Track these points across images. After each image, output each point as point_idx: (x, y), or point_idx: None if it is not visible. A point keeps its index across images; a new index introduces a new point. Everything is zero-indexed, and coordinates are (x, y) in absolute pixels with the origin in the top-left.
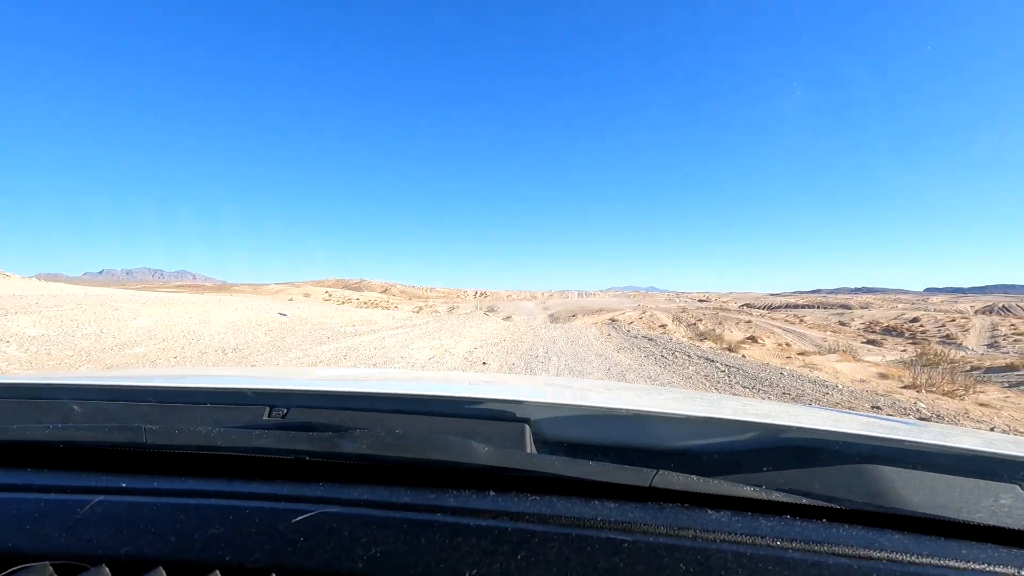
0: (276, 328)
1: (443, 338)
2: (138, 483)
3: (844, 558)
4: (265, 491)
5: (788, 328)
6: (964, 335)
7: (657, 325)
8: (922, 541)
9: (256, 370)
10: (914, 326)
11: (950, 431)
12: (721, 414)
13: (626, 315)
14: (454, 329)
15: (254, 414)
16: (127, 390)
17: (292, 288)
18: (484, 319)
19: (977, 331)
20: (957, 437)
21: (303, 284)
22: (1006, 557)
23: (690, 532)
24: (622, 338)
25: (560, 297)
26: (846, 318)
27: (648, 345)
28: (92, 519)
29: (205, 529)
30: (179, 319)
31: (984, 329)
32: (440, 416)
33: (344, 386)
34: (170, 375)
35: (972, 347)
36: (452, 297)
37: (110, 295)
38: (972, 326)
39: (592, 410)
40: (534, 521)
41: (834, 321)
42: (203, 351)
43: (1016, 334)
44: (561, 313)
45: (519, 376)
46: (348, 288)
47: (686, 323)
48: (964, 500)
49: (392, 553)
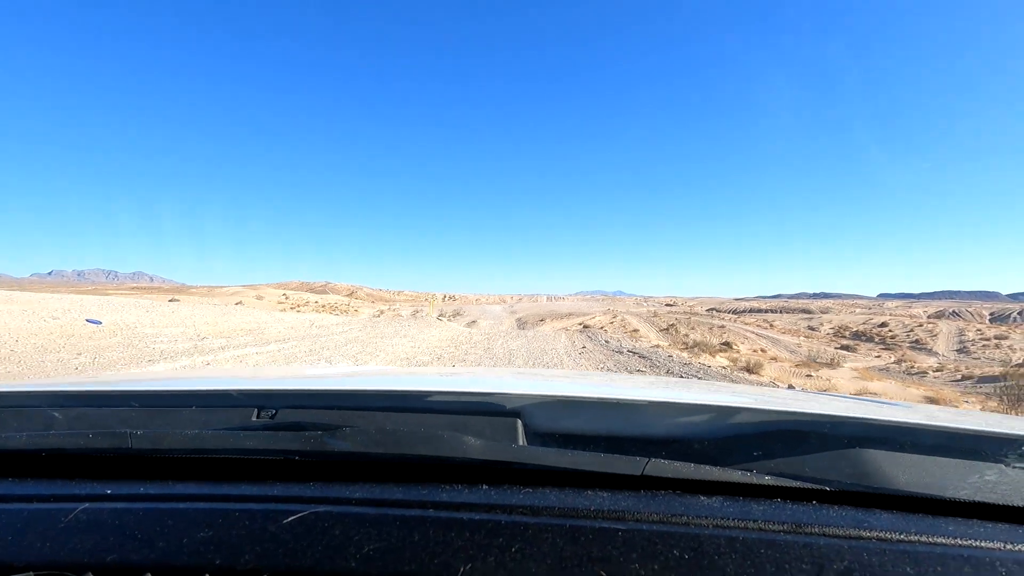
0: (44, 344)
1: (356, 355)
2: (124, 489)
3: (835, 539)
4: (254, 492)
5: (761, 333)
6: (933, 340)
7: (630, 330)
8: (910, 520)
9: (244, 371)
10: (883, 331)
11: (935, 412)
12: (711, 400)
13: (597, 320)
14: (383, 341)
15: (242, 415)
16: (111, 395)
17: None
18: (432, 325)
19: (945, 337)
20: (942, 417)
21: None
22: (992, 532)
23: (683, 519)
24: (601, 352)
25: (529, 301)
26: (815, 322)
27: (639, 364)
28: (77, 527)
29: (194, 533)
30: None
31: (952, 335)
32: (431, 412)
33: (333, 384)
34: (155, 379)
35: (943, 352)
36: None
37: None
38: (940, 331)
39: (583, 400)
40: (527, 513)
41: (803, 326)
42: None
43: (983, 339)
44: (529, 317)
45: (509, 369)
46: (312, 291)
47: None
48: (950, 478)
49: (385, 550)
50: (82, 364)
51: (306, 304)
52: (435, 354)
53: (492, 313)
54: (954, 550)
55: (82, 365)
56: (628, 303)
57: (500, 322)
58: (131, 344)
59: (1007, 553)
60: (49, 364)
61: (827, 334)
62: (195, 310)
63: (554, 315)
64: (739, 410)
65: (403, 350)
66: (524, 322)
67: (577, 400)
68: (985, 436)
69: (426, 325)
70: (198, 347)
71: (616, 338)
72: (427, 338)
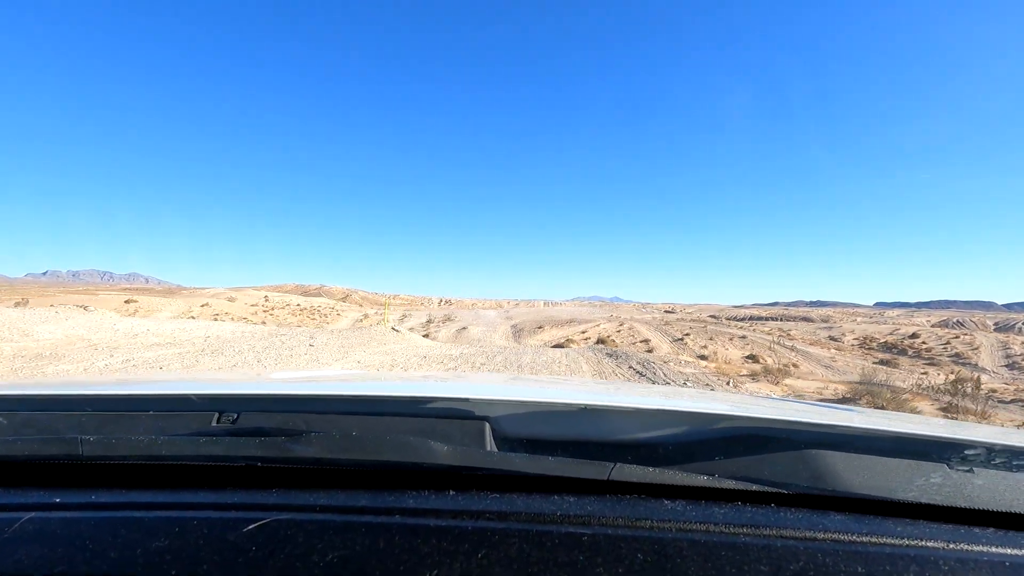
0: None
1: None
2: (74, 497)
3: (791, 540)
4: (214, 500)
5: (786, 344)
6: (976, 354)
7: (639, 340)
8: (861, 521)
9: (203, 375)
10: (916, 343)
11: (889, 416)
12: (674, 406)
13: (602, 327)
14: (281, 369)
15: (201, 421)
16: (61, 399)
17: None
18: (386, 339)
19: (988, 350)
20: (895, 422)
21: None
22: (936, 532)
23: (647, 523)
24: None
25: (526, 306)
26: (834, 332)
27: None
28: (22, 537)
29: (149, 543)
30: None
31: (994, 348)
32: (397, 416)
33: (297, 389)
34: (111, 383)
35: (992, 369)
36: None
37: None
38: (980, 345)
39: (551, 406)
40: (494, 519)
41: (823, 336)
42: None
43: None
44: (526, 324)
45: (479, 373)
46: (307, 294)
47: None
48: (899, 480)
49: (349, 558)
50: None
51: (285, 307)
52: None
53: (486, 319)
54: (902, 550)
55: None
56: (627, 309)
57: (493, 329)
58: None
59: (950, 552)
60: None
61: (852, 345)
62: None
63: (553, 322)
64: (703, 415)
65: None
66: (520, 329)
67: (545, 405)
68: (931, 440)
69: (375, 339)
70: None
71: (646, 358)
72: (370, 360)
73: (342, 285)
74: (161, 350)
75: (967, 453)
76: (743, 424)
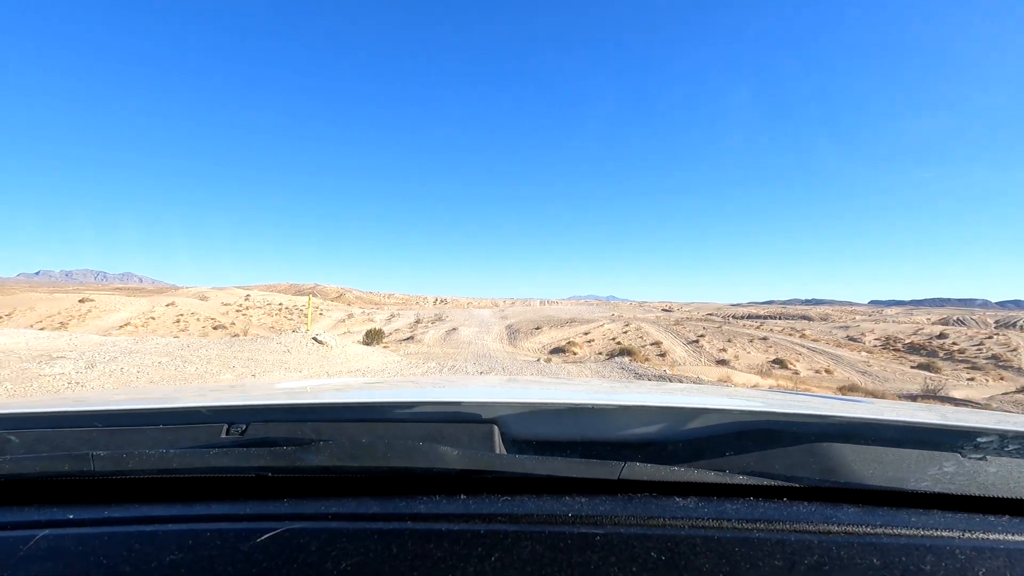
0: None
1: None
2: (87, 513)
3: (805, 534)
4: (226, 512)
5: (810, 346)
6: (1015, 356)
7: (650, 343)
8: (875, 513)
9: (210, 387)
10: (945, 343)
11: (898, 406)
12: (682, 403)
13: (606, 328)
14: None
15: (211, 433)
16: (71, 416)
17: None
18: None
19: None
20: (904, 411)
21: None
22: (951, 522)
23: (659, 520)
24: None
25: (522, 305)
26: (852, 332)
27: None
28: (36, 555)
29: (163, 556)
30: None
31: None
32: (405, 422)
33: (305, 398)
34: (119, 398)
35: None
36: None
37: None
38: (1018, 346)
39: (558, 407)
40: (506, 521)
41: (840, 336)
42: None
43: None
44: (522, 325)
45: (483, 376)
46: (301, 293)
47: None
48: (911, 470)
49: (363, 565)
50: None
51: (264, 306)
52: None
53: (479, 319)
54: (917, 540)
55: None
56: (625, 308)
57: (486, 330)
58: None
59: (966, 541)
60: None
61: (876, 347)
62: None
63: (552, 322)
64: (711, 411)
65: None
66: (515, 331)
67: (553, 406)
68: (943, 429)
69: (270, 358)
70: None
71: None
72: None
73: (337, 284)
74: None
75: (980, 441)
76: (752, 419)
